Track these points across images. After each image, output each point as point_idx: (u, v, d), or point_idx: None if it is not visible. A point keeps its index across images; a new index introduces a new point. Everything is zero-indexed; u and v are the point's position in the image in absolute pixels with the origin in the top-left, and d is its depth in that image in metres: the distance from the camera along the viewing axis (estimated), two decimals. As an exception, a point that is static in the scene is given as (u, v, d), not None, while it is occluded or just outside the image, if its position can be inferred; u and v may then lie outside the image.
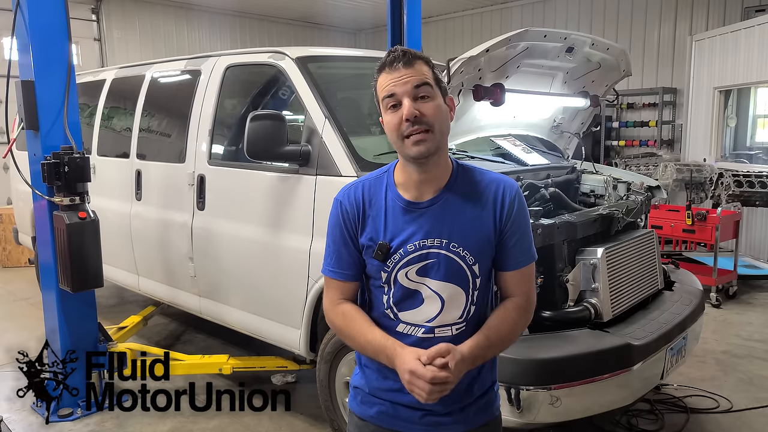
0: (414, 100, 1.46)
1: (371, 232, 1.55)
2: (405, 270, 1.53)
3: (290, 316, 3.23)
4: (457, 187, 1.55)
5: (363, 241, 1.57)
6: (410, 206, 1.53)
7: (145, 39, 10.41)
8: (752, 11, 8.07)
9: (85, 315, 3.69)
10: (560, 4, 10.00)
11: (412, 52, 1.49)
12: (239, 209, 3.55)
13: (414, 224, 1.52)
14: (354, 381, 1.71)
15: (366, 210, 1.57)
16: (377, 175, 1.62)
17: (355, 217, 1.57)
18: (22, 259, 7.63)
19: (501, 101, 3.03)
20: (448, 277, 1.52)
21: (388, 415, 1.61)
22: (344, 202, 1.60)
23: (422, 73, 1.48)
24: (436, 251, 1.51)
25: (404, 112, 1.45)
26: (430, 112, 1.46)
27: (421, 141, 1.46)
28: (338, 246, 1.60)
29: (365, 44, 13.37)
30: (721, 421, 3.54)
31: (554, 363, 2.48)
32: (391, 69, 1.47)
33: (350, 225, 1.58)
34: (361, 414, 1.67)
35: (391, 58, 1.48)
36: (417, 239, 1.51)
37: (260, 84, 3.76)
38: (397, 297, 1.55)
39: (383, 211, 1.55)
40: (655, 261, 3.29)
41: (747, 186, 6.06)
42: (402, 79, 1.46)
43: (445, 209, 1.53)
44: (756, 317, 5.43)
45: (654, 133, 9.08)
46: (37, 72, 3.40)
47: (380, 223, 1.54)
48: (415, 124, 1.45)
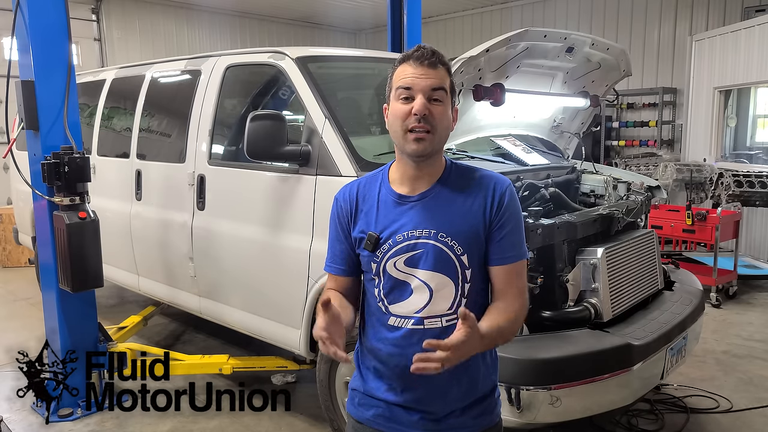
0: (427, 100, 1.49)
1: (363, 225, 1.60)
2: (394, 260, 1.55)
3: (290, 316, 3.23)
4: (449, 182, 1.58)
5: (355, 234, 1.61)
6: (401, 199, 1.58)
7: (145, 39, 10.41)
8: (752, 11, 8.07)
9: (85, 315, 3.70)
10: (560, 4, 10.01)
11: (439, 56, 1.53)
12: (239, 209, 3.55)
13: (404, 216, 1.56)
14: (352, 383, 1.71)
15: (359, 205, 1.62)
16: (373, 174, 1.67)
17: (348, 213, 1.63)
18: (22, 259, 7.63)
19: (501, 101, 3.03)
20: (436, 267, 1.53)
21: (385, 418, 1.61)
22: (340, 200, 1.67)
23: (443, 78, 1.52)
24: (424, 241, 1.53)
25: (415, 106, 1.48)
26: (438, 115, 1.50)
27: (421, 140, 1.49)
28: (333, 242, 1.67)
29: (365, 44, 13.37)
30: (721, 421, 3.54)
31: (554, 363, 2.47)
32: (417, 63, 1.50)
33: (344, 221, 1.64)
34: (357, 417, 1.67)
35: (419, 54, 1.51)
36: (406, 230, 1.55)
37: (260, 84, 3.76)
38: (387, 288, 1.58)
39: (375, 204, 1.60)
40: (655, 261, 3.28)
41: (747, 186, 6.06)
42: (423, 76, 1.49)
43: (436, 202, 1.56)
44: (756, 317, 5.43)
45: (654, 133, 9.08)
46: (37, 72, 3.40)
47: (372, 216, 1.59)
48: (421, 121, 1.48)
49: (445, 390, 1.57)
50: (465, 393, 1.59)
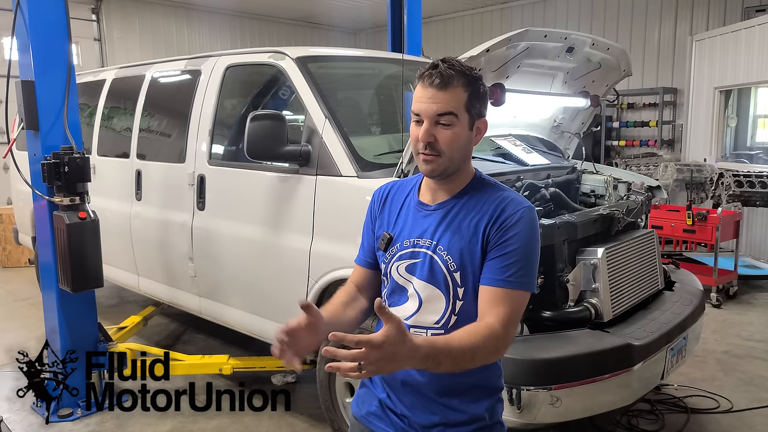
0: (434, 124, 1.46)
1: (384, 224, 1.65)
2: (397, 264, 1.58)
3: (290, 316, 3.20)
4: (467, 196, 1.55)
5: (377, 231, 1.67)
6: (420, 206, 1.60)
7: (145, 39, 10.41)
8: (752, 11, 8.07)
9: (85, 315, 3.69)
10: (560, 4, 10.00)
11: (450, 73, 1.43)
12: (239, 209, 3.55)
13: (418, 223, 1.58)
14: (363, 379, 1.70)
15: (386, 204, 1.67)
16: (412, 177, 1.71)
17: (377, 210, 1.69)
18: (22, 259, 7.63)
19: (501, 101, 3.02)
20: (429, 279, 1.53)
21: (376, 416, 1.62)
22: (375, 197, 1.73)
23: (452, 100, 1.44)
24: (424, 251, 1.54)
25: (420, 135, 1.47)
26: (444, 141, 1.46)
27: (429, 161, 1.49)
28: (363, 235, 1.73)
29: (365, 44, 13.36)
30: (721, 421, 3.54)
31: (555, 363, 2.47)
32: (425, 85, 1.45)
33: (373, 216, 1.70)
34: (355, 413, 1.69)
35: (428, 74, 1.45)
36: (413, 236, 1.56)
37: (260, 84, 3.76)
38: (390, 290, 1.61)
39: (400, 207, 1.64)
40: (655, 261, 3.28)
41: (747, 186, 6.06)
42: (430, 101, 1.44)
43: (448, 214, 1.54)
44: (756, 317, 5.43)
45: (654, 133, 9.07)
46: (37, 72, 3.40)
47: (393, 217, 1.63)
48: (427, 148, 1.47)
49: (427, 403, 1.52)
50: (451, 410, 1.51)
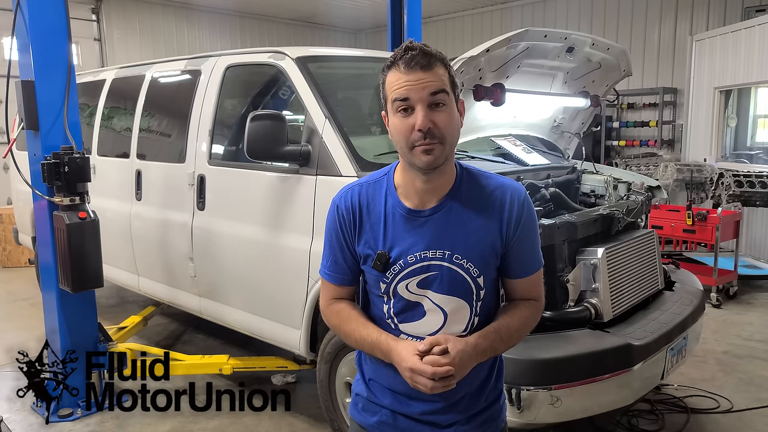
0: (429, 108, 1.35)
1: (369, 241, 1.48)
2: (405, 282, 1.46)
3: (290, 316, 3.23)
4: (461, 195, 1.46)
5: (360, 250, 1.50)
6: (411, 214, 1.45)
7: (145, 39, 10.41)
8: (752, 11, 8.07)
9: (85, 315, 3.69)
10: (560, 4, 10.00)
11: (432, 53, 1.35)
12: (239, 209, 3.55)
13: (415, 234, 1.44)
14: (355, 387, 1.68)
15: (363, 216, 1.49)
16: (376, 178, 1.53)
17: (351, 224, 1.50)
18: (22, 259, 7.63)
19: (501, 101, 3.03)
20: (451, 291, 1.45)
21: (389, 426, 1.57)
22: (341, 207, 1.52)
23: (440, 78, 1.35)
24: (438, 263, 1.44)
25: (417, 122, 1.34)
26: (443, 124, 1.36)
27: (431, 151, 1.36)
28: (335, 251, 1.55)
29: (365, 44, 13.37)
30: (721, 421, 3.54)
31: (555, 363, 2.47)
32: (408, 69, 1.33)
33: (347, 232, 1.51)
34: (361, 422, 1.63)
35: (408, 57, 1.33)
36: (418, 250, 1.44)
37: (260, 84, 3.76)
38: (398, 308, 1.50)
39: (382, 218, 1.47)
40: (655, 261, 3.28)
41: (747, 186, 6.06)
42: (419, 83, 1.33)
43: (448, 218, 1.44)
44: (756, 317, 5.43)
45: (654, 133, 9.07)
46: (37, 72, 3.40)
47: (379, 232, 1.47)
48: (427, 137, 1.34)
49: (452, 403, 1.52)
50: (471, 403, 1.54)
